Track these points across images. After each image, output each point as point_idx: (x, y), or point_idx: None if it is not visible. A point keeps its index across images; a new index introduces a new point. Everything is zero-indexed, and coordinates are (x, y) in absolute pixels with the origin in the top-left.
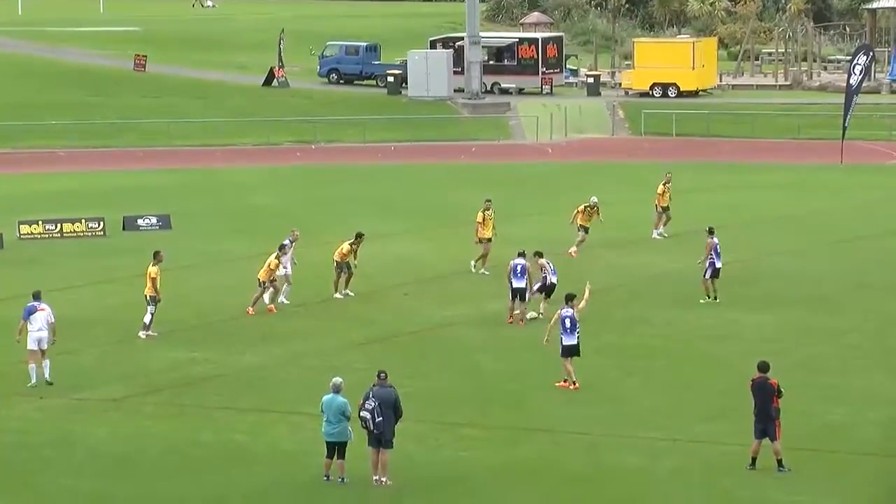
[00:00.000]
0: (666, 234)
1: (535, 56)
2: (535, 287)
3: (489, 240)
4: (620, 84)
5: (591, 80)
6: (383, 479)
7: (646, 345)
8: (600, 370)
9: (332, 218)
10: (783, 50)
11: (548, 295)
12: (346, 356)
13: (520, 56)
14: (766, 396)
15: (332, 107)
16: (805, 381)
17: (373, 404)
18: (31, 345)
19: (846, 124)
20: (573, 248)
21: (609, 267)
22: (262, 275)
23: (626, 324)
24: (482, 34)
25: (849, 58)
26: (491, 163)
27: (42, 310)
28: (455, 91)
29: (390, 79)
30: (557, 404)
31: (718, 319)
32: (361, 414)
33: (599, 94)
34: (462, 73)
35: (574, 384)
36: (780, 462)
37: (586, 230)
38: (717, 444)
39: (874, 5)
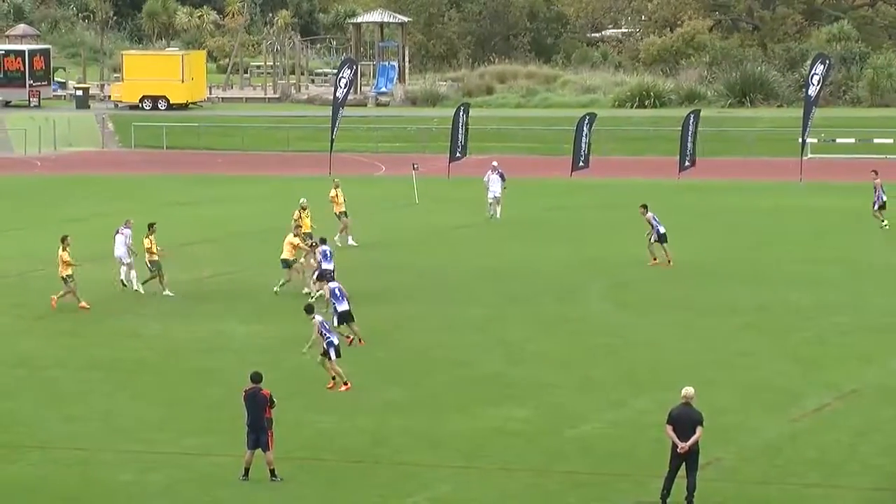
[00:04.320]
0: (340, 244)
1: (22, 68)
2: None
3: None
4: (110, 97)
5: (80, 92)
6: None
7: (136, 358)
8: (91, 384)
9: None
10: (272, 63)
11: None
12: None
13: (6, 68)
14: (258, 407)
15: None
16: (295, 390)
17: None
18: None
19: (334, 136)
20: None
21: (87, 280)
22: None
23: (117, 337)
24: None
25: (335, 71)
26: None
27: None
28: None
29: None
30: (48, 420)
31: (209, 331)
32: None
33: (89, 106)
34: None
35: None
36: (272, 472)
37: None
38: (210, 455)
39: (359, 20)
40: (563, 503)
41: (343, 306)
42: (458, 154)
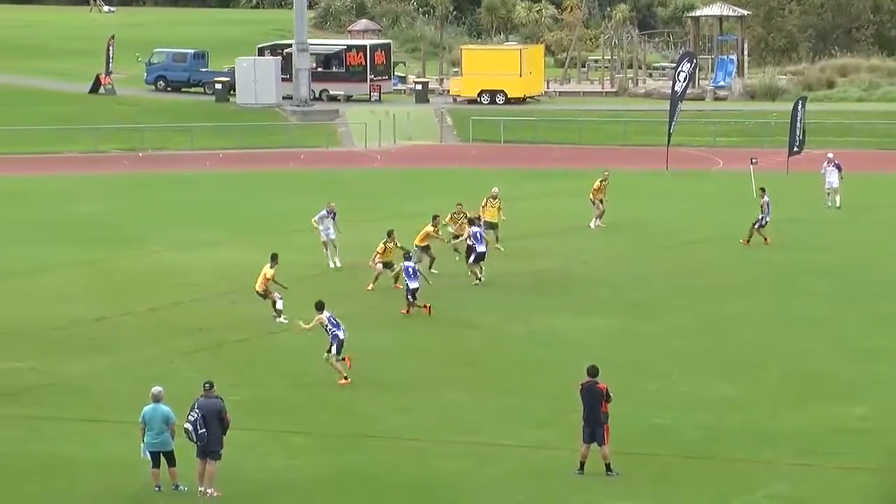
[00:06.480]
0: (602, 224)
1: (364, 63)
2: (470, 260)
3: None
4: (448, 91)
5: (419, 87)
6: (209, 491)
7: (472, 350)
8: (429, 376)
9: (158, 226)
10: (609, 57)
11: (476, 261)
12: (173, 365)
13: (348, 63)
14: (594, 401)
15: (159, 114)
16: (630, 385)
17: (196, 416)
18: None
19: (671, 130)
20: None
21: (440, 273)
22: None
23: (453, 329)
24: (310, 41)
25: (673, 65)
26: (319, 170)
27: None
28: (283, 98)
29: (218, 86)
30: (386, 411)
31: (544, 324)
32: (185, 426)
33: (428, 101)
34: (290, 80)
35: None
36: (608, 466)
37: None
38: (546, 448)
39: (697, 13)
40: None
41: (414, 284)
42: (794, 149)
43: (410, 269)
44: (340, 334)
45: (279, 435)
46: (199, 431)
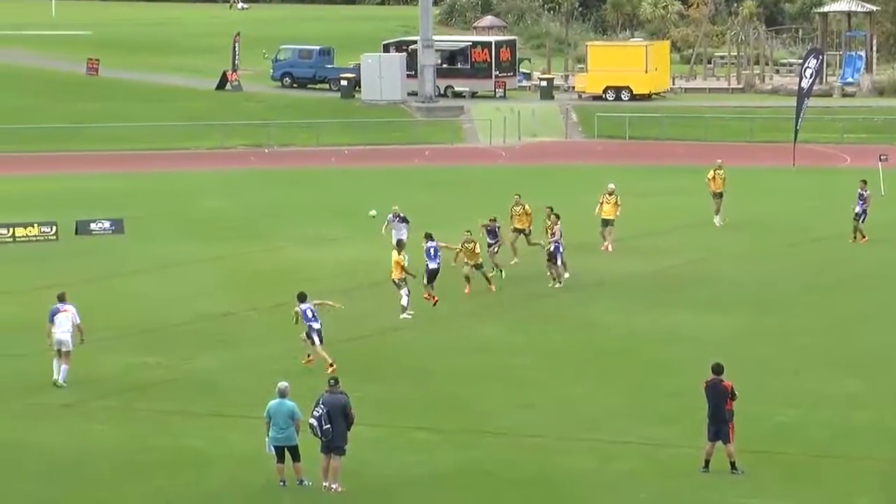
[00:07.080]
0: (724, 221)
1: (489, 59)
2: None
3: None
4: (574, 87)
5: (544, 83)
6: (333, 486)
7: (597, 347)
8: (551, 373)
9: (283, 222)
10: (735, 53)
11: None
12: (298, 361)
13: (473, 59)
14: (719, 399)
15: (285, 110)
16: (756, 383)
17: (321, 411)
18: (55, 345)
19: (798, 127)
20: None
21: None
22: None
23: (578, 326)
24: (435, 37)
25: (800, 61)
26: (444, 166)
27: (65, 311)
28: (408, 94)
29: (344, 82)
30: (508, 407)
31: (670, 322)
32: (310, 421)
33: (553, 97)
34: (415, 76)
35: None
36: (733, 464)
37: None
38: (670, 446)
39: (825, 9)
40: None
41: (433, 265)
42: None
43: (432, 250)
44: (315, 325)
45: (402, 430)
46: (324, 427)
